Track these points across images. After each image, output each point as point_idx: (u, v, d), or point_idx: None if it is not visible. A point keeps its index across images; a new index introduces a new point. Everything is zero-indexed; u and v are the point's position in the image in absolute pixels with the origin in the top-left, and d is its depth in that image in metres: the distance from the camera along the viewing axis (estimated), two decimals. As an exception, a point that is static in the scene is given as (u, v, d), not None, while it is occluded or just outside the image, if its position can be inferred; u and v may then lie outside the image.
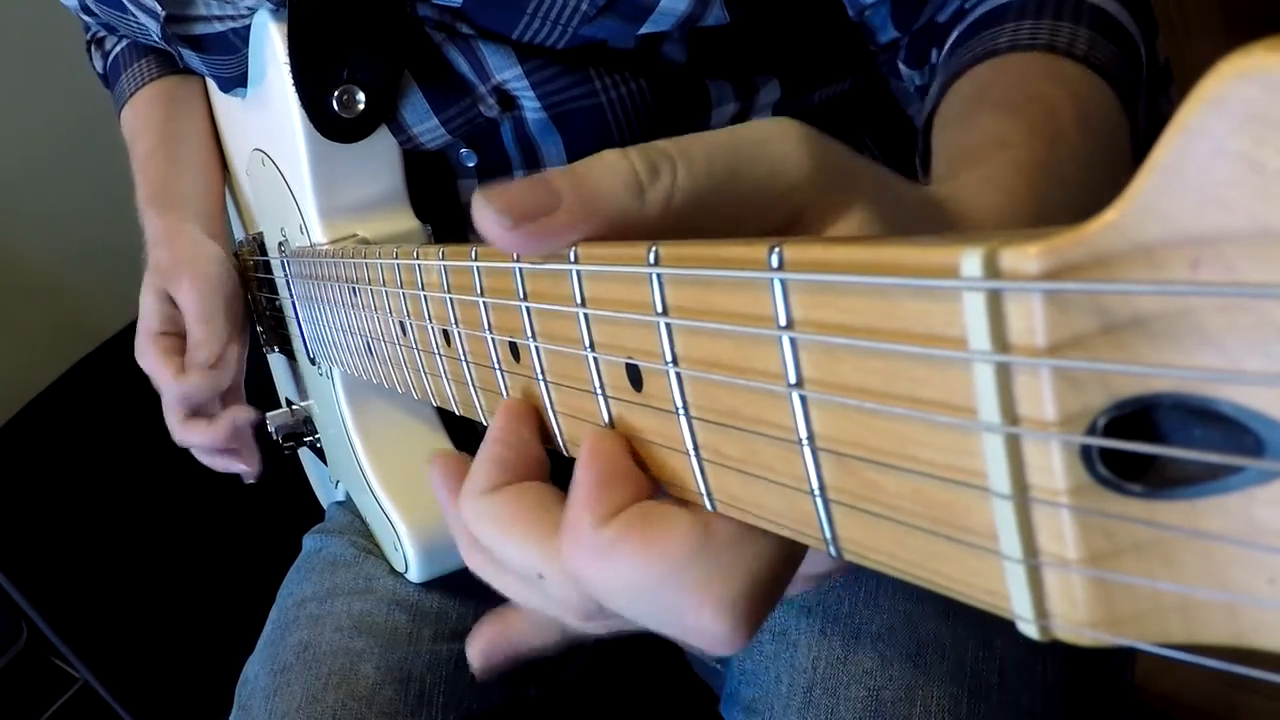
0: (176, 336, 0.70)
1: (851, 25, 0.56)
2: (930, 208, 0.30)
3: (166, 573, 1.33)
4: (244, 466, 0.73)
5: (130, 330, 0.72)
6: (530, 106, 0.57)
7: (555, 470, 0.30)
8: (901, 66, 0.55)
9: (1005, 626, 0.17)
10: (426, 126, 0.59)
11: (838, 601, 0.55)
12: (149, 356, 0.70)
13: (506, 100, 0.57)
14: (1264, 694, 1.03)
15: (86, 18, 0.78)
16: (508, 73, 0.55)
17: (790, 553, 0.23)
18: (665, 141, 0.24)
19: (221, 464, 0.73)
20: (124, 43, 0.81)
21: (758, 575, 0.22)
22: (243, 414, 0.70)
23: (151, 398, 0.72)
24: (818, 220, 0.25)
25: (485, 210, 0.24)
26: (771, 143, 0.24)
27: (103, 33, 0.83)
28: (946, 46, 0.50)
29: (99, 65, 0.85)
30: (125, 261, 1.38)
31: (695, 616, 0.22)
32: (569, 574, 0.25)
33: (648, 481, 0.25)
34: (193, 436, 0.71)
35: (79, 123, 1.37)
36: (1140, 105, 0.45)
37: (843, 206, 0.25)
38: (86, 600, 1.28)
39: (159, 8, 0.62)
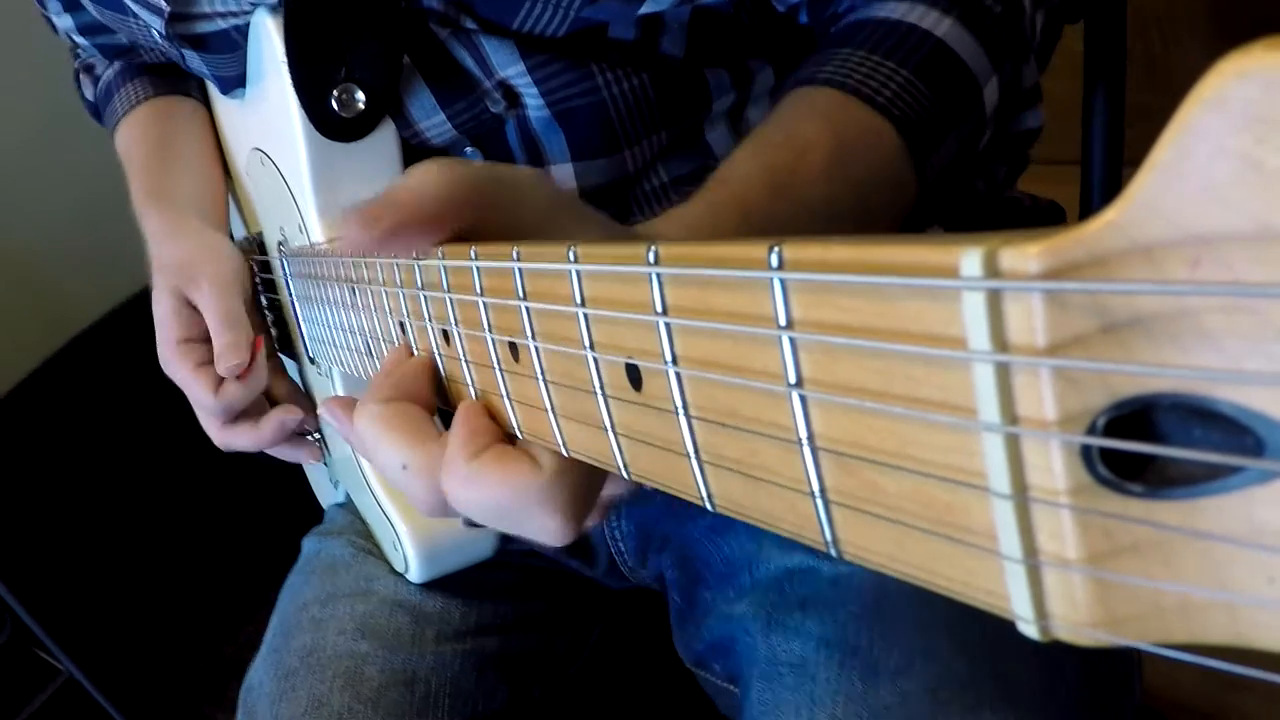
0: (201, 343, 0.67)
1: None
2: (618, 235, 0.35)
3: (149, 564, 1.32)
4: (307, 457, 0.71)
5: (109, 320, 0.70)
6: (534, 104, 0.57)
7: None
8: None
9: (1023, 654, 0.17)
10: (433, 122, 0.58)
11: (856, 635, 0.54)
12: (179, 368, 0.66)
13: (512, 96, 0.57)
14: (1257, 693, 1.03)
15: (81, 39, 0.77)
16: (511, 69, 0.55)
17: (596, 472, 0.32)
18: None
19: (289, 454, 0.71)
20: (115, 66, 0.80)
21: (576, 490, 0.32)
22: (291, 416, 0.67)
23: (132, 388, 0.69)
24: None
25: (346, 229, 0.32)
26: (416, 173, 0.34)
27: (93, 59, 0.82)
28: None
29: (89, 93, 0.83)
30: (102, 252, 1.37)
31: (539, 521, 0.32)
32: (447, 494, 0.33)
33: (502, 432, 0.34)
34: (239, 440, 0.68)
35: (58, 112, 1.34)
36: (950, 142, 0.48)
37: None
38: (70, 593, 1.27)
39: (164, 4, 0.61)
